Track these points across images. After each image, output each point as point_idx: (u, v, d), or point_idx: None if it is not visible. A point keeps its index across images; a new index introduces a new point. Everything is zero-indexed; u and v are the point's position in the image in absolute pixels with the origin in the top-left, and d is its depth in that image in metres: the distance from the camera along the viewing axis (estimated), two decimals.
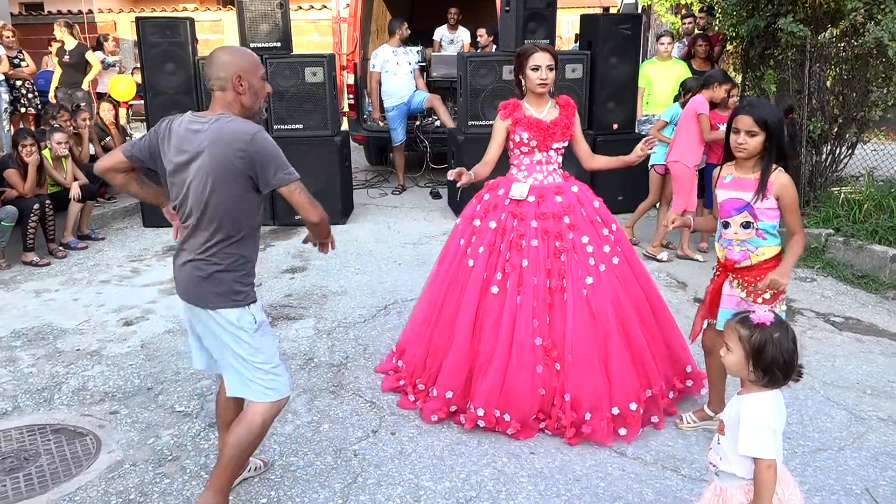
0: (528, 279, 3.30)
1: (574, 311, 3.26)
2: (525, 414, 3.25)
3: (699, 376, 3.54)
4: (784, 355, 1.93)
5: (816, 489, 2.92)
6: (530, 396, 3.24)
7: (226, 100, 2.47)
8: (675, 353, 3.53)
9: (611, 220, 3.53)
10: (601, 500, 2.87)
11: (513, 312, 3.29)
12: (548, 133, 3.44)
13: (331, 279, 5.37)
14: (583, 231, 3.38)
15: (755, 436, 1.92)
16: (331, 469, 3.06)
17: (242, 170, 2.39)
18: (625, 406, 3.23)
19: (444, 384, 3.40)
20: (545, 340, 3.27)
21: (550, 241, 3.35)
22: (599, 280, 3.32)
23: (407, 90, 7.80)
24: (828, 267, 5.55)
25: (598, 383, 3.22)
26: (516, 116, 3.48)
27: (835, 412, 3.52)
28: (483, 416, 3.26)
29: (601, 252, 3.38)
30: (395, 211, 7.32)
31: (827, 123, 6.33)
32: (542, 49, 3.41)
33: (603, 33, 6.88)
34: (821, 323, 4.62)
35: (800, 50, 6.17)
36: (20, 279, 5.51)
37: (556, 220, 3.37)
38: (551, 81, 3.43)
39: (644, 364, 3.33)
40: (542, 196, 3.42)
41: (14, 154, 5.95)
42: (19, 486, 2.97)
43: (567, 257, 3.32)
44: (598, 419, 3.21)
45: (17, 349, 4.27)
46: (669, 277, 5.41)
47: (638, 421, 3.26)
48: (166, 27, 6.63)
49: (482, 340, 3.34)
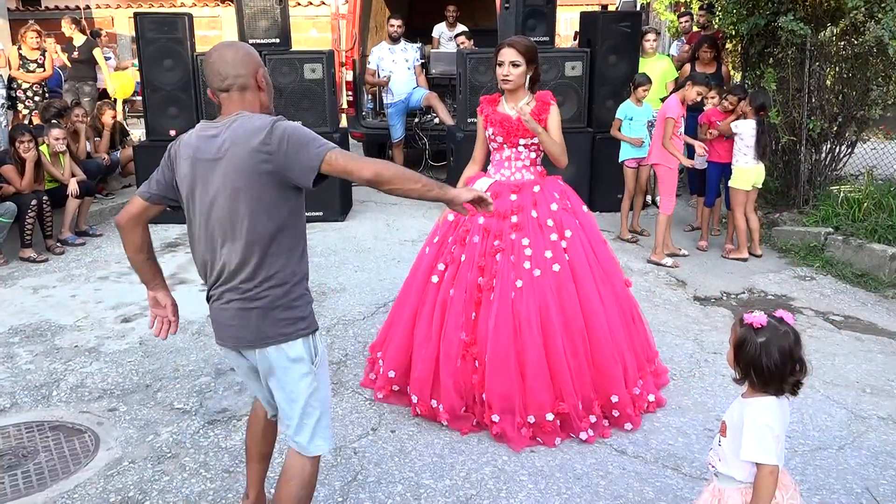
0: (463, 273, 3.35)
1: (497, 312, 3.23)
2: (453, 406, 3.30)
3: (623, 408, 3.28)
4: (766, 360, 1.90)
5: (817, 488, 2.92)
6: (455, 389, 3.30)
7: (246, 99, 2.19)
8: (602, 379, 3.28)
9: (568, 225, 3.37)
10: (601, 499, 2.86)
11: (444, 304, 3.37)
12: (513, 129, 3.41)
13: (330, 276, 5.35)
14: (525, 233, 3.31)
15: (758, 441, 1.90)
16: (330, 467, 3.05)
17: (272, 170, 2.07)
18: (541, 415, 3.18)
19: (389, 363, 3.54)
20: (468, 335, 3.30)
21: (490, 238, 3.35)
22: (530, 285, 3.24)
23: (406, 87, 7.78)
24: (827, 265, 5.55)
25: (510, 387, 3.19)
26: (486, 112, 3.52)
27: (835, 411, 3.52)
28: (417, 402, 3.38)
29: (540, 257, 3.28)
30: (394, 208, 7.31)
31: (826, 122, 6.33)
32: (509, 45, 3.36)
33: (602, 31, 6.87)
34: (820, 321, 4.62)
35: (800, 48, 6.17)
36: (17, 275, 5.49)
37: (501, 218, 3.34)
38: (516, 77, 3.35)
39: (559, 378, 3.21)
40: (498, 193, 3.40)
41: (11, 150, 5.92)
42: (17, 484, 2.96)
43: (502, 257, 3.30)
44: (508, 423, 3.19)
45: (15, 346, 4.25)
46: (669, 276, 5.40)
47: (554, 431, 3.20)
48: (164, 23, 6.60)
49: (417, 327, 3.45)
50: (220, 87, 2.18)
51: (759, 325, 1.93)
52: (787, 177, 6.74)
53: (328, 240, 6.21)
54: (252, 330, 2.16)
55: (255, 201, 2.09)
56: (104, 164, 7.35)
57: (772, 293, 5.10)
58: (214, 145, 2.12)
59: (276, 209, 2.11)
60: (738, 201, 5.69)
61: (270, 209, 2.11)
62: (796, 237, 5.98)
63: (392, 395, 3.54)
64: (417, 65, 7.96)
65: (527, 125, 3.32)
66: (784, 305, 4.84)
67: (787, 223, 6.25)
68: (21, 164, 5.85)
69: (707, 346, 4.22)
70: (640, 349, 3.52)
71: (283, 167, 2.07)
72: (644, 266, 5.59)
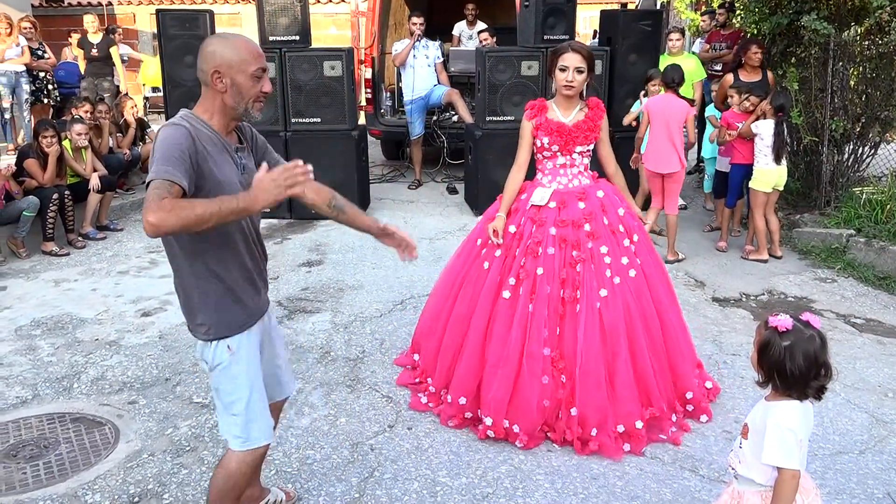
0: (541, 287, 3.22)
1: (586, 324, 3.17)
2: (532, 425, 3.19)
3: (698, 402, 3.38)
4: (790, 364, 1.88)
5: (837, 492, 2.89)
6: (538, 408, 3.18)
7: (206, 95, 2.18)
8: (678, 377, 3.37)
9: (634, 228, 3.40)
10: (618, 499, 2.85)
11: (524, 321, 3.21)
12: (570, 137, 3.34)
13: (347, 273, 5.37)
14: (602, 241, 3.27)
15: (780, 445, 1.88)
16: (347, 463, 3.06)
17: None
18: (630, 424, 3.16)
19: (458, 390, 3.35)
20: (553, 351, 3.20)
21: (568, 249, 3.26)
22: (613, 293, 3.21)
23: (426, 84, 7.78)
24: (849, 268, 5.49)
25: (603, 399, 3.15)
26: (538, 121, 3.39)
27: (856, 415, 3.48)
28: (491, 425, 3.20)
29: (618, 264, 3.26)
30: (411, 206, 7.32)
31: (850, 122, 6.26)
32: (574, 50, 3.26)
33: (622, 29, 6.82)
34: (841, 324, 4.56)
35: (823, 48, 6.10)
36: (40, 269, 5.56)
37: (576, 228, 3.28)
38: (579, 84, 3.29)
39: (646, 383, 3.23)
40: (564, 202, 3.33)
41: (35, 144, 5.99)
42: (39, 474, 3.00)
43: (583, 268, 3.23)
44: (604, 435, 3.15)
45: (37, 338, 4.31)
46: (688, 277, 5.37)
47: (643, 439, 3.18)
48: (186, 19, 6.65)
49: (491, 347, 3.28)
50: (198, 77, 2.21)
51: (785, 329, 1.91)
52: (808, 178, 6.67)
53: (345, 237, 6.23)
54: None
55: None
56: (126, 160, 7.42)
57: (792, 295, 5.05)
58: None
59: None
60: (758, 202, 5.63)
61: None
62: (817, 239, 5.92)
63: (465, 422, 3.33)
64: (438, 62, 7.95)
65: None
66: (805, 307, 4.79)
67: (809, 224, 6.18)
68: (44, 158, 5.93)
69: (726, 347, 4.19)
70: (691, 342, 3.62)
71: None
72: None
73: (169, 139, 2.01)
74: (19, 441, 3.24)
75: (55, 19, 13.78)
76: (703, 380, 3.56)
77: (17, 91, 8.02)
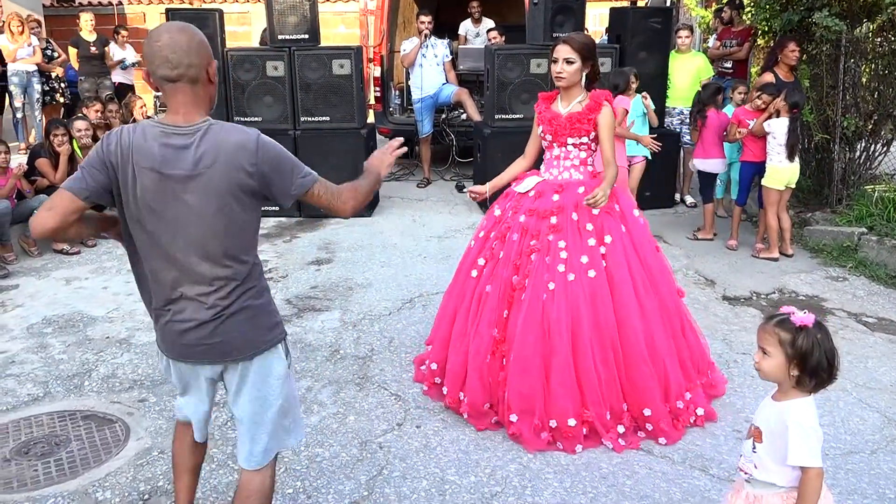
0: (499, 270, 3.35)
1: (526, 313, 3.18)
2: (476, 401, 3.30)
3: (657, 421, 3.18)
4: (828, 356, 1.90)
5: (848, 492, 2.87)
6: (481, 386, 3.30)
7: (197, 94, 1.96)
8: (636, 391, 3.20)
9: (610, 230, 3.26)
10: (627, 499, 2.84)
11: (479, 299, 3.38)
12: (560, 127, 3.36)
13: (356, 271, 5.38)
14: (563, 235, 3.24)
15: (806, 444, 1.87)
16: (356, 461, 3.06)
17: (255, 187, 1.99)
18: (563, 420, 3.11)
19: (433, 355, 3.61)
20: (499, 333, 3.30)
21: (527, 238, 3.32)
22: (563, 288, 3.17)
23: (434, 83, 7.77)
24: (860, 266, 5.45)
25: (532, 389, 3.14)
26: (539, 109, 3.49)
27: (867, 414, 3.45)
28: (447, 394, 3.41)
29: (576, 261, 3.20)
30: (420, 204, 7.32)
31: (861, 120, 6.20)
32: (564, 41, 3.30)
33: (632, 27, 6.80)
34: (853, 323, 4.53)
35: (834, 45, 6.05)
36: (51, 267, 5.59)
37: (541, 218, 3.30)
38: (569, 75, 3.29)
39: (585, 385, 3.14)
40: (541, 192, 3.39)
41: (46, 144, 6.03)
42: (50, 471, 3.02)
43: (537, 258, 3.25)
44: (525, 424, 3.15)
45: (49, 336, 4.33)
46: (698, 275, 5.34)
47: (576, 437, 3.12)
48: (195, 18, 6.65)
49: (456, 321, 3.48)
50: (168, 76, 1.92)
51: (812, 323, 1.92)
52: (819, 175, 6.61)
53: (355, 235, 6.24)
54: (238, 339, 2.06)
55: (233, 218, 1.99)
56: None
57: (803, 294, 5.02)
58: (188, 159, 1.92)
59: (250, 222, 2.07)
60: (770, 200, 5.59)
61: (245, 224, 2.04)
62: (829, 237, 5.88)
63: (434, 387, 3.56)
64: (447, 61, 7.94)
65: (587, 202, 3.27)
66: (816, 306, 4.76)
67: (820, 223, 6.14)
68: (55, 157, 5.96)
69: (736, 346, 4.17)
70: (689, 361, 3.40)
71: (265, 186, 2.01)
72: (672, 264, 5.51)
73: (281, 148, 2.07)
74: (31, 438, 3.26)
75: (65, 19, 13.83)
76: (695, 402, 3.32)
77: (29, 91, 8.08)
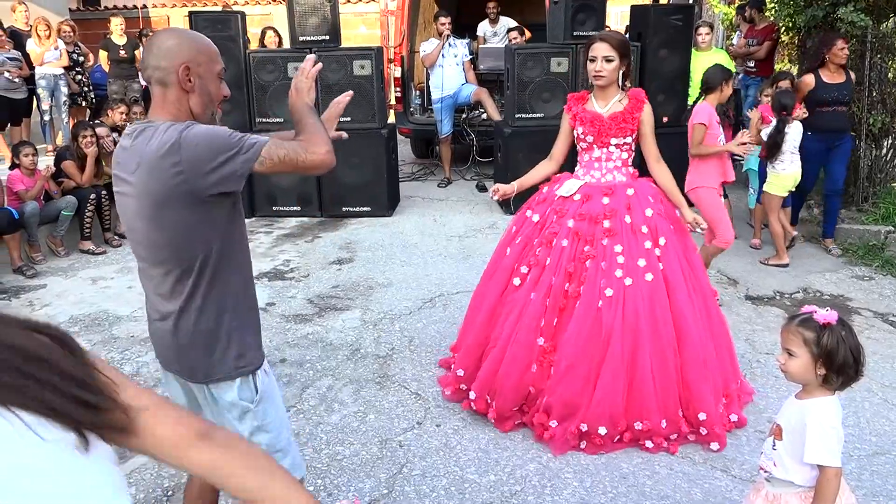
0: (546, 277, 3.21)
1: (580, 320, 3.10)
2: (506, 406, 3.24)
3: (711, 426, 3.12)
4: (853, 352, 1.88)
5: (873, 494, 2.83)
6: (515, 392, 3.22)
7: (167, 98, 1.84)
8: (692, 396, 3.13)
9: (663, 232, 3.21)
10: (648, 499, 2.83)
11: (523, 308, 3.25)
12: (604, 128, 3.28)
13: (377, 271, 5.40)
14: (619, 239, 3.16)
15: (824, 443, 1.86)
16: (376, 459, 3.08)
17: (190, 190, 1.75)
18: (595, 427, 3.06)
19: (460, 362, 3.49)
20: (547, 342, 3.18)
21: (580, 244, 3.20)
22: (620, 294, 3.09)
23: (454, 83, 7.79)
24: (887, 265, 5.36)
25: (578, 397, 3.08)
26: (575, 110, 3.37)
27: (893, 415, 3.40)
28: (475, 399, 3.33)
29: (633, 265, 3.12)
30: (441, 204, 7.33)
31: (888, 116, 6.11)
32: (602, 39, 3.23)
33: (654, 25, 6.74)
34: (879, 323, 4.47)
35: (860, 40, 5.96)
36: (77, 266, 5.69)
37: (593, 223, 3.20)
38: (609, 73, 3.23)
39: (642, 394, 3.07)
40: (589, 196, 3.28)
41: (73, 146, 6.13)
42: None
43: (592, 264, 3.15)
44: (562, 429, 3.10)
45: (75, 334, 4.36)
46: (720, 274, 5.30)
47: (603, 445, 3.09)
48: (217, 21, 6.73)
49: (495, 328, 3.36)
50: (145, 77, 1.89)
51: (836, 321, 1.90)
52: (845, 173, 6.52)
53: (375, 235, 6.27)
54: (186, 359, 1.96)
55: (169, 226, 1.81)
56: None
57: (828, 293, 4.95)
58: (131, 161, 1.81)
59: (202, 233, 1.83)
60: (772, 206, 5.40)
61: (192, 235, 1.82)
62: (855, 235, 5.80)
63: (458, 393, 3.46)
64: (467, 60, 7.95)
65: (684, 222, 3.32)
66: (841, 306, 4.70)
67: (846, 221, 6.05)
68: (82, 159, 6.06)
69: (759, 346, 4.13)
70: (726, 366, 3.35)
71: (200, 185, 1.75)
72: None
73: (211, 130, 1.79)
74: None
75: (91, 22, 14.04)
76: (730, 409, 3.28)
77: (56, 94, 8.21)
